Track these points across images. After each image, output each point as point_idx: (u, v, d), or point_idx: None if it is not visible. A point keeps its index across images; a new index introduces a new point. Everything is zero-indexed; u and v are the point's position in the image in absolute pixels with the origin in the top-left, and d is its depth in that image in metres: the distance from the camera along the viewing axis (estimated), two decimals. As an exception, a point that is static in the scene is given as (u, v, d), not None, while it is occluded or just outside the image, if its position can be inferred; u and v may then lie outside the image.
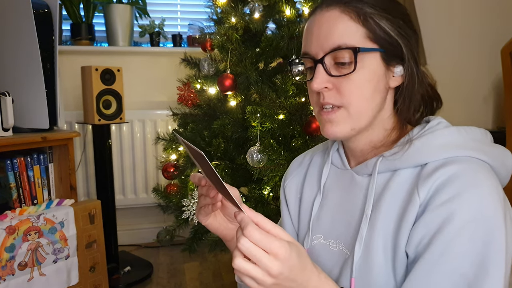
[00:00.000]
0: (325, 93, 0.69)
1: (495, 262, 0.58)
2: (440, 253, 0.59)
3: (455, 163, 0.63)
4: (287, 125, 1.63)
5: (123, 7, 2.40)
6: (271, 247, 0.53)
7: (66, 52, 2.33)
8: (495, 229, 0.59)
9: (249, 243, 0.53)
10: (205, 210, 0.73)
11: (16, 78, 1.71)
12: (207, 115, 1.85)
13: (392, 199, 0.68)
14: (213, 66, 1.79)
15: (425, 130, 0.70)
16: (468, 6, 2.88)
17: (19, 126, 1.68)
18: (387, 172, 0.70)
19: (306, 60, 0.72)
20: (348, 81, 0.68)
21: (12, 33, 1.69)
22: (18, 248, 1.40)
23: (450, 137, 0.69)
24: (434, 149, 0.66)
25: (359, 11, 0.67)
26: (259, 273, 0.53)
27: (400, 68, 0.70)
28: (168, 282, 2.09)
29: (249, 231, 0.53)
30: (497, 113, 3.02)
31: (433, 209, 0.61)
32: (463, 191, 0.60)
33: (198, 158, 0.60)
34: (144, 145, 2.48)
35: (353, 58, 0.66)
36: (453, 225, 0.59)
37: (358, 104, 0.69)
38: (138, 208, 2.54)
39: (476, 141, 0.69)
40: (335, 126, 0.70)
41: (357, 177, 0.75)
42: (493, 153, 0.68)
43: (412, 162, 0.67)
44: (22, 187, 1.63)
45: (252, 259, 0.53)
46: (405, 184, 0.67)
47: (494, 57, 2.54)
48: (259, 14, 1.68)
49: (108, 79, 1.99)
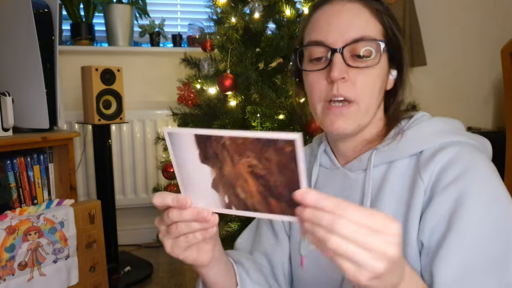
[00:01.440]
0: (340, 84, 0.67)
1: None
2: (463, 236, 0.58)
3: (452, 146, 0.65)
4: (287, 125, 1.63)
5: (123, 7, 2.40)
6: (378, 223, 0.42)
7: (66, 52, 2.33)
8: (506, 203, 0.61)
9: (350, 222, 0.42)
10: (186, 240, 0.56)
11: (16, 78, 1.71)
12: (207, 115, 1.85)
13: (393, 190, 0.67)
14: (213, 66, 1.79)
15: (413, 122, 0.72)
16: (468, 6, 2.88)
17: (19, 126, 1.68)
18: (383, 165, 0.70)
19: (318, 48, 0.69)
20: (365, 74, 0.67)
21: (12, 33, 1.69)
22: (18, 248, 1.40)
23: (438, 125, 0.71)
24: (428, 137, 0.68)
25: (378, 8, 0.69)
26: (368, 258, 0.42)
27: (395, 72, 0.73)
28: (168, 282, 2.09)
29: (344, 207, 0.42)
30: (497, 113, 3.02)
31: (441, 191, 0.62)
32: (466, 170, 0.61)
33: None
34: (144, 145, 2.48)
35: (374, 52, 0.67)
36: (467, 206, 0.59)
37: (369, 100, 0.69)
38: (138, 208, 2.54)
39: (459, 129, 0.72)
40: (346, 121, 0.68)
41: (350, 174, 0.74)
42: (477, 139, 0.71)
43: (408, 151, 0.68)
44: (22, 187, 1.63)
45: (357, 241, 0.42)
46: (404, 175, 0.67)
47: (494, 57, 2.54)
48: (259, 14, 1.68)
49: (108, 79, 1.99)
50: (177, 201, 0.53)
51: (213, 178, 0.50)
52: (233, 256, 0.76)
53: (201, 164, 0.49)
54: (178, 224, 0.55)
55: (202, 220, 0.53)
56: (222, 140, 0.45)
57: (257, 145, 0.43)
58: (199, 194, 0.52)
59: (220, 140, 0.45)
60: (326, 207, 0.43)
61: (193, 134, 0.46)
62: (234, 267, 0.73)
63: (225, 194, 0.50)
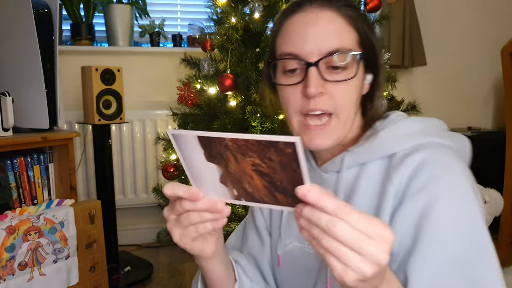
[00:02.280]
0: (317, 99, 0.65)
1: (484, 236, 0.59)
2: (432, 243, 0.58)
3: (423, 150, 0.63)
4: (287, 125, 1.63)
5: (123, 7, 2.40)
6: (375, 230, 0.43)
7: (66, 52, 2.33)
8: (473, 206, 0.60)
9: (348, 226, 0.42)
10: (196, 230, 0.56)
11: (16, 78, 1.71)
12: (207, 115, 1.85)
13: (364, 192, 0.67)
14: (213, 66, 1.79)
15: (387, 123, 0.71)
16: (468, 6, 2.88)
17: (19, 126, 1.68)
18: (355, 167, 0.69)
19: (291, 62, 0.67)
20: (342, 87, 0.66)
21: (12, 33, 1.69)
22: (18, 248, 1.40)
23: (412, 126, 0.69)
24: (400, 138, 0.67)
25: (352, 15, 0.67)
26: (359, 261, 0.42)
27: (370, 76, 0.71)
28: (168, 282, 2.09)
29: (345, 211, 0.43)
30: (497, 113, 3.02)
31: (410, 196, 0.61)
32: (436, 176, 0.61)
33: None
34: (144, 145, 2.48)
35: (349, 63, 0.65)
36: (436, 212, 0.59)
37: (348, 111, 0.67)
38: (138, 208, 2.54)
39: (436, 129, 0.71)
40: (325, 138, 0.67)
41: (324, 175, 0.74)
42: (453, 138, 0.69)
43: (380, 153, 0.67)
44: (22, 187, 1.63)
45: (351, 245, 0.42)
46: (375, 177, 0.67)
47: (494, 57, 2.54)
48: (259, 14, 1.68)
49: (108, 79, 1.99)
50: (189, 193, 0.53)
51: (220, 174, 0.51)
52: (231, 254, 0.77)
53: (207, 162, 0.51)
54: (190, 213, 0.55)
55: (216, 210, 0.54)
56: (224, 141, 0.46)
57: (258, 146, 0.44)
58: (209, 188, 0.53)
59: (222, 141, 0.47)
60: (327, 208, 0.43)
61: (196, 136, 0.48)
62: (233, 264, 0.74)
63: (234, 188, 0.52)
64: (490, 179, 2.00)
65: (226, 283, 0.71)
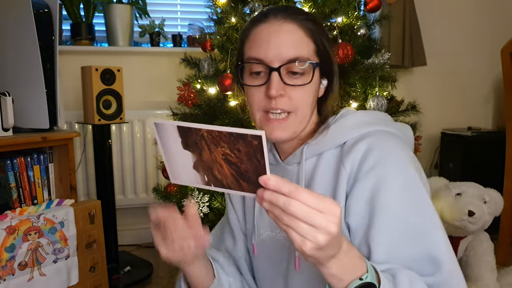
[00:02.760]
0: (278, 100, 0.75)
1: (427, 203, 0.70)
2: (385, 214, 0.68)
3: (370, 136, 0.74)
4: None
5: (123, 7, 2.40)
6: (324, 206, 0.51)
7: (66, 52, 2.33)
8: (416, 180, 0.71)
9: (301, 204, 0.51)
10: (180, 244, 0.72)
11: (16, 78, 1.71)
12: (207, 115, 1.85)
13: (322, 178, 0.77)
14: (213, 66, 1.79)
15: (338, 117, 0.82)
16: (468, 6, 2.89)
17: (19, 126, 1.68)
18: (313, 158, 0.80)
19: (256, 65, 0.76)
20: (300, 90, 0.75)
21: (12, 33, 1.69)
22: (18, 248, 1.41)
23: (359, 118, 0.80)
24: (349, 129, 0.77)
25: (311, 28, 0.77)
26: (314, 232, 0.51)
27: (326, 81, 0.81)
28: (168, 282, 2.09)
29: (297, 192, 0.51)
30: (497, 113, 3.02)
31: (362, 177, 0.71)
32: (382, 157, 0.71)
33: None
34: (144, 145, 2.48)
35: (306, 70, 0.75)
36: (384, 189, 0.69)
37: (305, 110, 0.77)
38: (138, 208, 2.54)
39: (380, 120, 0.81)
40: (283, 131, 0.77)
41: (288, 167, 0.83)
42: (396, 127, 0.80)
43: (333, 143, 0.77)
44: (22, 187, 1.63)
45: (304, 219, 0.51)
46: (331, 164, 0.77)
47: (494, 57, 2.54)
48: (259, 14, 1.68)
49: (108, 79, 1.99)
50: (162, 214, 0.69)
51: (193, 161, 0.58)
52: (210, 253, 0.88)
53: (183, 150, 0.58)
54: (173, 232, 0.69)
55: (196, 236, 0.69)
56: (200, 132, 0.53)
57: (230, 138, 0.51)
58: (183, 173, 0.61)
59: (199, 132, 0.53)
60: (283, 191, 0.52)
61: (176, 126, 0.55)
62: (212, 263, 0.84)
63: (205, 174, 0.59)
64: (490, 179, 2.00)
65: (206, 281, 0.82)
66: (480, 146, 2.57)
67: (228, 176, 0.57)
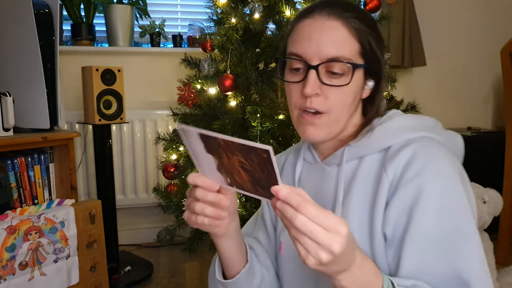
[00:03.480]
0: (313, 99, 0.72)
1: (468, 222, 0.66)
2: (420, 228, 0.65)
3: (415, 143, 0.70)
4: (287, 125, 1.63)
5: (123, 7, 2.41)
6: (329, 224, 0.51)
7: (66, 52, 2.33)
8: (458, 194, 0.67)
9: (306, 219, 0.50)
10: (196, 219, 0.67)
11: (17, 78, 1.72)
12: (207, 115, 1.86)
13: (362, 184, 0.73)
14: (213, 66, 1.80)
15: (384, 119, 0.78)
16: (468, 6, 2.89)
17: (20, 126, 1.69)
18: (354, 160, 0.76)
19: (296, 61, 0.74)
20: (338, 91, 0.72)
21: (13, 34, 1.69)
22: (18, 248, 1.41)
23: (406, 122, 0.76)
24: (394, 133, 0.73)
25: (357, 27, 0.73)
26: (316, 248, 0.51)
27: (372, 82, 0.77)
28: (168, 282, 2.09)
29: (304, 207, 0.51)
30: (497, 113, 3.02)
31: (403, 186, 0.68)
32: (425, 166, 0.67)
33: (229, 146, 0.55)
34: (144, 145, 2.48)
35: (346, 70, 0.71)
36: (423, 200, 0.65)
37: (340, 111, 0.74)
38: (139, 208, 2.55)
39: (429, 126, 0.77)
40: (316, 130, 0.74)
41: (327, 168, 0.80)
42: (445, 135, 0.76)
43: (376, 146, 0.74)
44: (22, 187, 1.63)
45: (309, 235, 0.51)
46: (372, 168, 0.73)
47: (494, 57, 2.54)
48: (259, 15, 1.68)
49: (109, 79, 2.00)
50: (207, 184, 0.64)
51: (216, 164, 0.61)
52: (247, 241, 0.83)
53: (207, 154, 0.60)
54: (196, 203, 0.65)
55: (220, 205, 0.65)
56: (217, 140, 0.56)
57: (242, 148, 0.53)
58: (210, 174, 0.64)
59: (216, 140, 0.56)
60: (292, 203, 0.52)
61: (198, 133, 0.58)
62: (247, 249, 0.81)
63: (227, 177, 0.62)
64: (489, 179, 2.00)
65: (238, 262, 0.79)
66: (479, 146, 2.57)
67: (246, 181, 0.58)
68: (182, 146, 1.93)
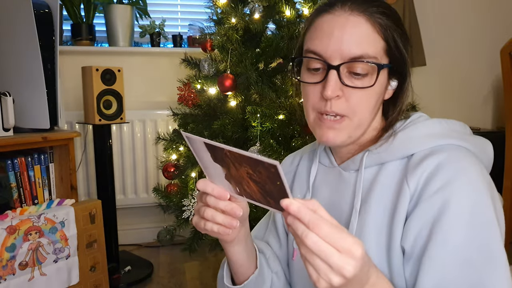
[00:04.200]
0: (333, 101, 0.66)
1: (496, 242, 0.60)
2: (444, 245, 0.59)
3: (441, 152, 0.64)
4: (287, 125, 1.63)
5: (123, 7, 2.41)
6: (343, 245, 0.46)
7: (66, 52, 2.33)
8: (487, 210, 0.61)
9: (318, 238, 0.46)
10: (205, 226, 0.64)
11: (17, 78, 1.72)
12: (207, 115, 1.86)
13: (382, 192, 0.68)
14: (213, 66, 1.80)
15: (408, 123, 0.72)
16: (468, 6, 2.89)
17: (20, 126, 1.69)
18: (374, 166, 0.70)
19: (315, 61, 0.68)
20: (360, 93, 0.66)
21: (13, 34, 1.69)
22: (18, 248, 1.41)
23: (432, 127, 0.70)
24: (419, 140, 0.67)
25: (382, 23, 0.66)
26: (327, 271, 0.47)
27: (395, 82, 0.71)
28: (168, 282, 2.09)
29: (317, 224, 0.47)
30: (497, 113, 3.02)
31: (426, 199, 0.62)
32: (452, 178, 0.61)
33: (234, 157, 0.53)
34: (144, 145, 2.48)
35: (370, 70, 0.66)
36: (449, 216, 0.60)
37: (363, 115, 0.68)
38: (139, 208, 2.55)
39: (456, 131, 0.70)
40: (336, 134, 0.68)
41: (344, 173, 0.75)
42: (473, 141, 0.69)
43: (399, 153, 0.68)
44: (22, 187, 1.63)
45: (320, 256, 0.47)
46: (393, 177, 0.67)
47: (494, 57, 2.54)
48: (259, 15, 1.68)
49: (109, 79, 2.00)
50: (217, 192, 0.61)
51: (224, 174, 0.58)
52: (257, 245, 0.81)
53: (214, 163, 0.58)
54: (206, 208, 0.62)
55: (231, 213, 0.61)
56: (223, 151, 0.53)
57: (250, 161, 0.51)
58: (218, 182, 0.61)
59: (222, 150, 0.53)
60: (303, 220, 0.48)
61: (203, 142, 0.56)
62: (257, 253, 0.78)
63: (236, 187, 0.59)
64: (489, 179, 2.00)
65: (247, 267, 0.75)
66: (479, 146, 2.57)
67: (256, 192, 0.55)
68: (182, 146, 1.94)
